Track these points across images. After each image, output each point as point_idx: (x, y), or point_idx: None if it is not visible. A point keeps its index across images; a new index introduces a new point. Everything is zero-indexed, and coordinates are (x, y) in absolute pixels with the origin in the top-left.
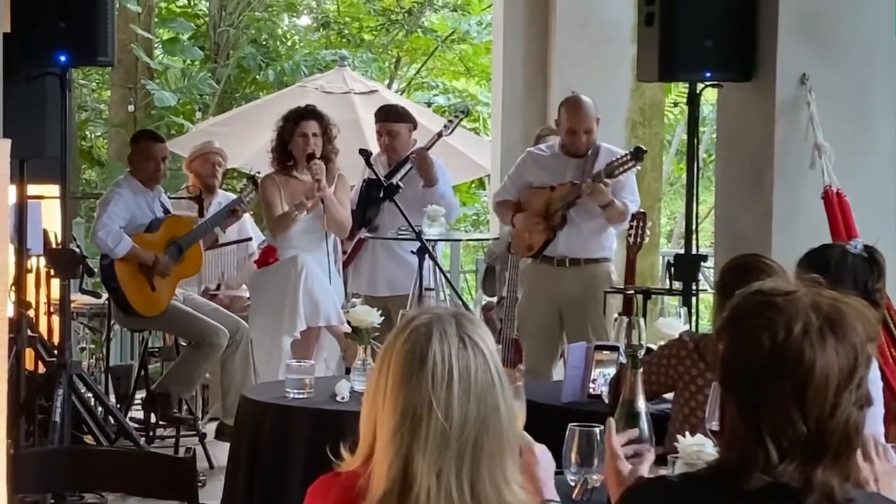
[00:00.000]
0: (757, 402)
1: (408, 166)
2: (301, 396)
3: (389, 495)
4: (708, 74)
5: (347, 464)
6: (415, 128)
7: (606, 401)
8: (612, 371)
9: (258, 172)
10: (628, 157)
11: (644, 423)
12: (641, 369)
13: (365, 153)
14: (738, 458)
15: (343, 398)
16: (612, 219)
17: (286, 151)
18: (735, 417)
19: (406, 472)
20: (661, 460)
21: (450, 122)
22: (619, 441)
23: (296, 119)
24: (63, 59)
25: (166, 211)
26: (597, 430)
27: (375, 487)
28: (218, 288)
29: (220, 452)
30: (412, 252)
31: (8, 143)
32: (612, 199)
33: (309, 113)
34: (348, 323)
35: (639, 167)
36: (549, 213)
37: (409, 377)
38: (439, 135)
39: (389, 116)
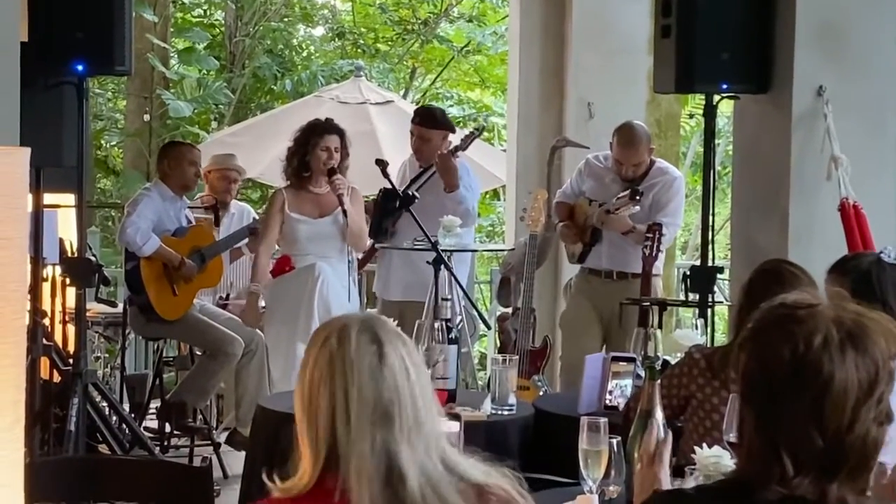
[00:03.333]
0: (774, 415)
1: (430, 172)
2: None
3: (384, 485)
4: (724, 86)
5: (289, 487)
6: (453, 132)
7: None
8: (628, 382)
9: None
10: (626, 196)
11: (661, 434)
12: (658, 381)
13: (381, 163)
14: (755, 471)
15: None
16: (637, 242)
17: (304, 163)
18: (752, 429)
19: (391, 464)
20: (677, 472)
21: (465, 138)
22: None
23: (319, 132)
24: (80, 68)
25: (190, 222)
26: (614, 441)
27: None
28: (227, 297)
29: (235, 462)
30: (427, 262)
31: (27, 151)
32: (632, 228)
33: (332, 127)
34: None
35: (636, 207)
36: (584, 227)
37: (372, 371)
38: (455, 149)
39: (424, 121)
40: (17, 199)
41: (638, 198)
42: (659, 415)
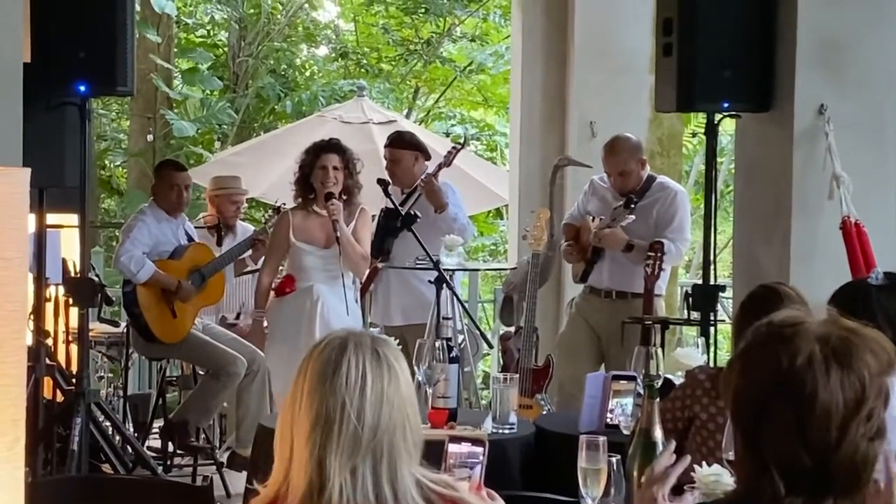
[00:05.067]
0: (762, 434)
1: (417, 194)
2: None
3: (307, 497)
4: (726, 105)
5: (262, 496)
6: (426, 158)
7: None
8: (629, 401)
9: (283, 204)
10: (620, 206)
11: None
12: (657, 400)
13: (383, 183)
14: (747, 491)
15: None
16: (638, 261)
17: (308, 184)
18: (742, 448)
19: (320, 471)
20: (676, 490)
21: (448, 154)
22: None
23: (316, 152)
24: (83, 88)
25: (190, 239)
26: (613, 459)
27: (293, 491)
28: (238, 317)
29: (237, 481)
30: (429, 282)
31: (27, 171)
32: (629, 244)
33: (330, 146)
34: None
35: (631, 216)
36: (587, 246)
37: (323, 380)
38: (439, 166)
39: (393, 142)
40: (18, 219)
41: (632, 206)
42: (658, 433)
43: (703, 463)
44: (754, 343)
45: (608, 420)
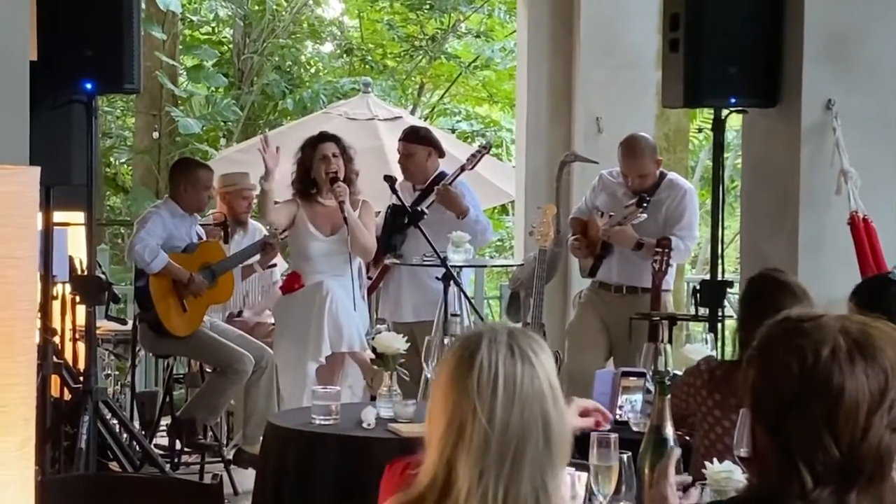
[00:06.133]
0: (788, 428)
1: (432, 196)
2: (327, 423)
3: (430, 491)
4: (733, 100)
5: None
6: (440, 154)
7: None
8: (638, 397)
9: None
10: (632, 204)
11: (671, 448)
12: (668, 396)
13: (390, 179)
14: (772, 486)
15: (369, 425)
16: (646, 257)
17: (308, 179)
18: (767, 444)
19: (449, 471)
20: (687, 488)
21: (473, 156)
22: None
23: (313, 144)
24: (89, 86)
25: (200, 239)
26: (625, 456)
27: (418, 481)
28: (239, 314)
29: (245, 479)
30: (437, 278)
31: (37, 170)
32: (639, 242)
33: (324, 136)
34: (373, 350)
35: (643, 215)
36: (595, 240)
37: (456, 382)
38: (462, 168)
39: (407, 137)
40: (28, 218)
41: (644, 205)
42: (669, 430)
43: (714, 460)
44: (773, 339)
45: (618, 416)
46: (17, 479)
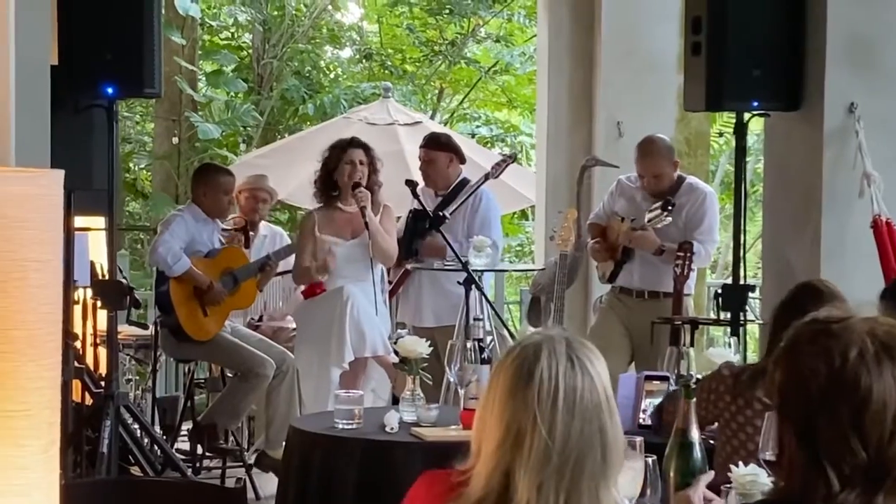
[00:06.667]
0: (815, 430)
1: (459, 199)
2: (350, 427)
3: (485, 500)
4: (755, 104)
5: (461, 468)
6: (461, 161)
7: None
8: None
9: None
10: (658, 208)
11: (697, 452)
12: (693, 400)
13: (411, 184)
14: (799, 488)
15: (392, 429)
16: (668, 261)
17: (331, 181)
18: (794, 447)
19: (507, 483)
20: (712, 491)
21: (497, 165)
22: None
23: (343, 147)
24: (110, 90)
25: (223, 244)
26: (650, 459)
27: (473, 492)
28: (260, 319)
29: (266, 483)
30: (458, 283)
31: (61, 173)
32: (661, 247)
33: (355, 143)
34: (396, 353)
35: (669, 218)
36: (616, 245)
37: (515, 392)
38: (486, 177)
39: (428, 143)
40: (52, 221)
41: (670, 208)
42: (695, 434)
43: (740, 463)
44: (800, 340)
45: (641, 420)
46: (42, 483)
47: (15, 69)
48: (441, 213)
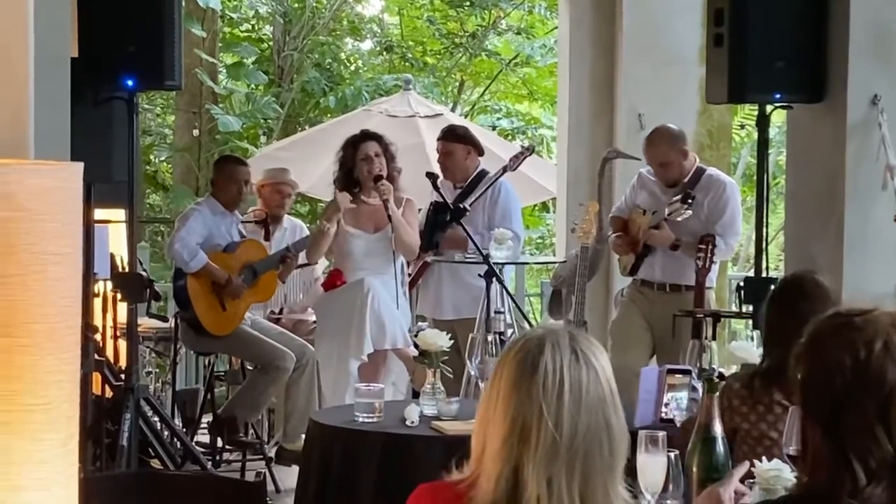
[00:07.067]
0: (841, 424)
1: (478, 191)
2: (370, 421)
3: (498, 499)
4: (778, 96)
5: (460, 476)
6: (479, 153)
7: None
8: (684, 395)
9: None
10: (678, 200)
11: (720, 447)
12: (717, 394)
13: (432, 176)
14: (825, 483)
15: (412, 423)
16: (690, 256)
17: (351, 178)
18: (819, 441)
19: (516, 479)
20: None
21: (516, 157)
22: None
23: (355, 143)
24: (130, 83)
25: (243, 236)
26: (672, 454)
27: (483, 493)
28: (281, 311)
29: (286, 476)
30: (479, 275)
31: (80, 166)
32: (676, 242)
33: (366, 136)
34: (416, 346)
35: (689, 211)
36: (636, 239)
37: (519, 385)
38: (504, 169)
39: (446, 135)
40: (72, 214)
41: (690, 201)
42: (718, 429)
43: (763, 458)
44: (823, 334)
45: (663, 414)
46: (61, 477)
47: (35, 61)
48: (462, 206)
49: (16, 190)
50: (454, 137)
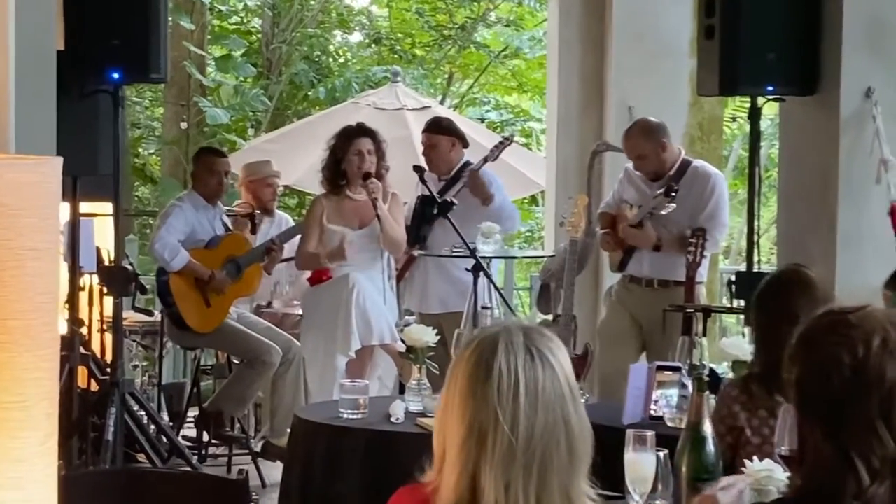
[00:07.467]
0: (842, 423)
1: (461, 182)
2: (355, 417)
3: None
4: (770, 88)
5: (427, 479)
6: (464, 145)
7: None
8: (674, 392)
9: None
10: (660, 194)
11: (711, 446)
12: (706, 392)
13: (418, 169)
14: (826, 484)
15: (397, 419)
16: (679, 252)
17: (339, 170)
18: (820, 441)
19: (473, 486)
20: None
21: (495, 148)
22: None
23: (350, 137)
24: (116, 76)
25: (227, 229)
26: (661, 454)
27: (444, 500)
28: (269, 305)
29: (273, 471)
30: (466, 269)
31: (59, 160)
32: (658, 242)
33: (363, 130)
34: (403, 342)
35: (672, 205)
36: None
37: (474, 390)
38: (485, 160)
39: (430, 127)
40: (49, 209)
41: (673, 194)
42: (707, 428)
43: (754, 458)
44: (818, 332)
45: (652, 412)
46: (39, 476)
47: (20, 55)
48: (449, 199)
49: None
50: (439, 129)
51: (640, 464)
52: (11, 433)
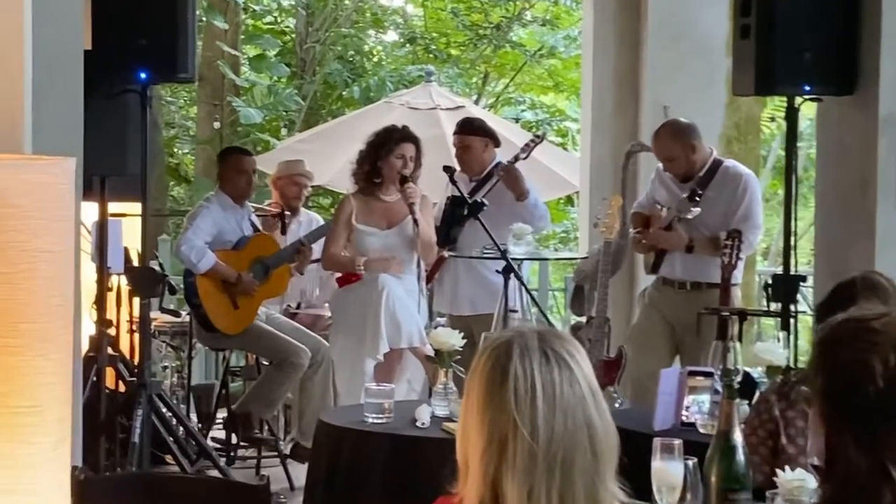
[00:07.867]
0: (876, 432)
1: (492, 182)
2: (379, 421)
3: None
4: (807, 88)
5: (456, 489)
6: (496, 145)
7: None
8: (706, 398)
9: None
10: (685, 199)
11: (741, 456)
12: (737, 400)
13: (449, 170)
14: (860, 496)
15: (423, 424)
16: (712, 254)
17: (375, 168)
18: (853, 452)
19: (495, 493)
20: (758, 495)
21: (526, 146)
22: None
23: (396, 140)
24: (144, 76)
25: (255, 229)
26: (690, 462)
27: None
28: (298, 307)
29: (301, 473)
30: (497, 271)
31: (73, 161)
32: (690, 244)
33: (409, 136)
34: (430, 345)
35: (697, 209)
36: None
37: (491, 396)
38: (516, 158)
39: (462, 129)
40: (63, 210)
41: (696, 199)
42: (738, 437)
43: (786, 468)
44: (842, 340)
45: (684, 418)
46: (51, 482)
47: (46, 54)
48: (480, 200)
49: (5, 186)
50: (472, 130)
51: (668, 472)
52: (24, 438)
